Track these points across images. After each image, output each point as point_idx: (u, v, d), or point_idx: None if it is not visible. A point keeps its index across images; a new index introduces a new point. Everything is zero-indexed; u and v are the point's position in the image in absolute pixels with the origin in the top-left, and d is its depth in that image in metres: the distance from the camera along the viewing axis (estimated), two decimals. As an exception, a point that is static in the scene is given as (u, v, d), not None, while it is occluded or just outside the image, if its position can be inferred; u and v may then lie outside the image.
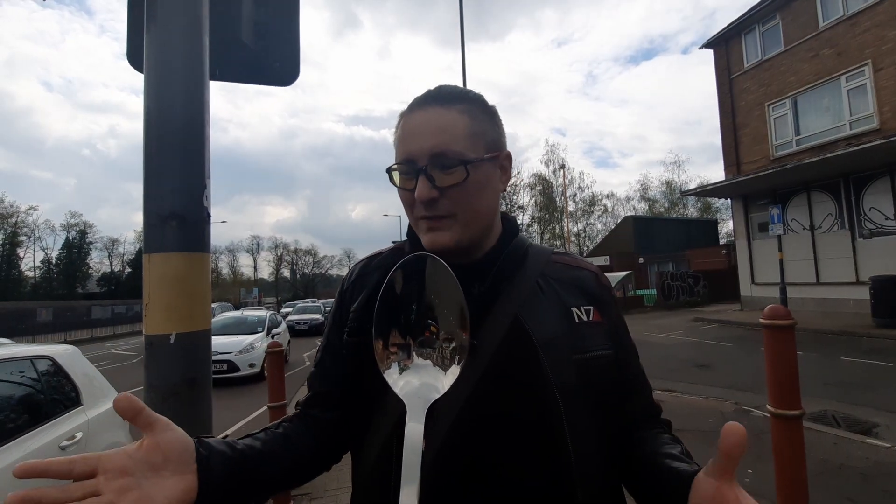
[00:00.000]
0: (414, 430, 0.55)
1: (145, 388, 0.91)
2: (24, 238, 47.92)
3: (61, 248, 49.88)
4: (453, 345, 0.60)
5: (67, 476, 0.48)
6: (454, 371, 0.59)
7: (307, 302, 30.11)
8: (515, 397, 0.68)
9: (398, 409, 0.60)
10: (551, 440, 0.67)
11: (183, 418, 0.95)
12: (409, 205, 0.74)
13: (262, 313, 11.88)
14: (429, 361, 0.61)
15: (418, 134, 0.71)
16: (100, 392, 3.29)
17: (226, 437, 0.66)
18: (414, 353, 0.61)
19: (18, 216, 47.17)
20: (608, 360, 0.74)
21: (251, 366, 9.20)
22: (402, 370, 0.61)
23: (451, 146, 0.69)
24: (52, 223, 51.55)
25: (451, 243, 0.71)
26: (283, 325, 12.83)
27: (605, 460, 0.73)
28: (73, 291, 47.45)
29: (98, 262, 53.02)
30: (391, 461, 0.66)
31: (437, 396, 0.58)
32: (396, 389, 0.59)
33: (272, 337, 10.18)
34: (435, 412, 0.60)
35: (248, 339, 9.71)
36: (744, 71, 15.56)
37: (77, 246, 50.21)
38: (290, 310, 26.93)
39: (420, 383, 0.59)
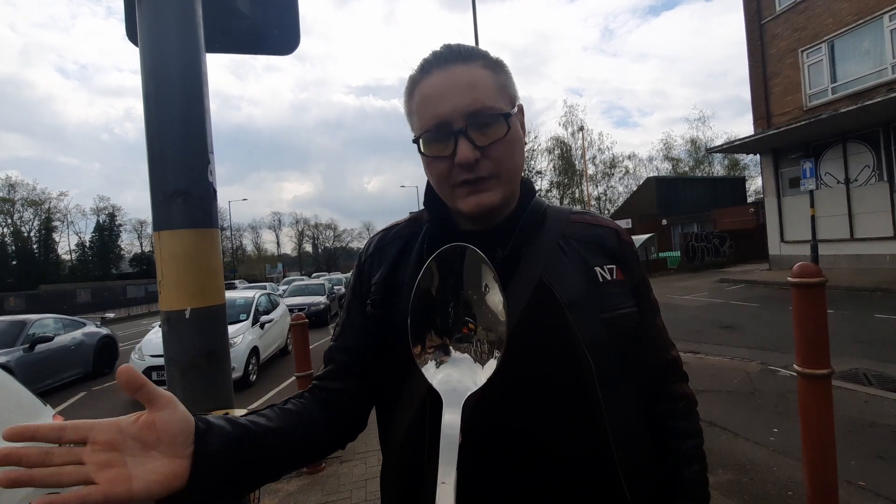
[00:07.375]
0: (450, 423, 0.54)
1: (166, 362, 0.94)
2: (57, 223, 49.87)
3: (93, 232, 51.84)
4: (491, 339, 0.59)
5: (55, 441, 0.47)
6: (491, 365, 0.58)
7: (303, 279, 21.58)
8: (544, 359, 0.67)
9: (427, 382, 0.59)
10: (583, 400, 0.67)
11: (204, 391, 0.99)
12: (444, 174, 0.68)
13: (251, 294, 9.03)
14: (467, 355, 0.60)
15: (448, 95, 0.66)
16: (30, 412, 2.33)
17: (227, 413, 0.65)
18: (451, 348, 0.60)
19: (51, 202, 49.00)
20: (633, 317, 0.74)
21: None
22: (438, 364, 0.60)
23: (486, 102, 0.66)
24: (83, 207, 53.46)
25: (498, 202, 0.69)
26: (283, 308, 10.02)
27: (638, 416, 0.73)
28: (107, 272, 49.55)
29: (129, 244, 55.04)
30: (423, 433, 0.66)
31: (474, 390, 0.57)
32: (434, 383, 0.58)
33: (261, 327, 8.17)
34: None
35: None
36: (775, 15, 14.54)
37: (108, 228, 52.10)
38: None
39: (457, 377, 0.58)
